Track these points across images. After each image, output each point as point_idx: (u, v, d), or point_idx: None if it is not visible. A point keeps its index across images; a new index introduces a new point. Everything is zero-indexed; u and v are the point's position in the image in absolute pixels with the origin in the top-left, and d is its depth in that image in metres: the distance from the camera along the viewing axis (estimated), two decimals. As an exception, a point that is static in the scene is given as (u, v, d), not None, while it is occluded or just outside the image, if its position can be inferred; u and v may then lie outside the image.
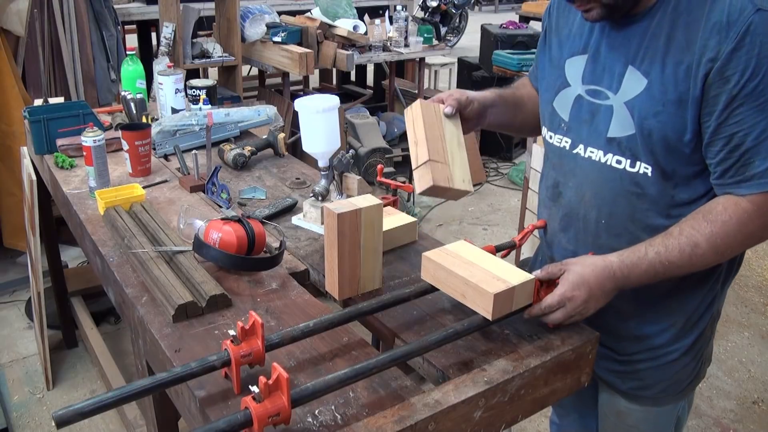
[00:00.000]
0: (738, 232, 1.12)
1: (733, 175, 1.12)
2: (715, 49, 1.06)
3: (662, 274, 1.16)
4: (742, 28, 1.04)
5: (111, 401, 0.94)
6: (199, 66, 4.03)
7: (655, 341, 1.32)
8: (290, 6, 5.05)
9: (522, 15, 6.93)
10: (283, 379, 0.90)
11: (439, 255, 1.22)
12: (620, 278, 1.15)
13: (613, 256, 1.17)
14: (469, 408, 1.03)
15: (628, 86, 1.17)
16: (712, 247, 1.13)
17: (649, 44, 1.14)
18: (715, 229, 1.12)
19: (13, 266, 3.43)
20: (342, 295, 1.30)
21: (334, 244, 1.24)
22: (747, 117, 1.07)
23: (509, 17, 7.83)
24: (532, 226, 1.46)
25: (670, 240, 1.15)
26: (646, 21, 1.15)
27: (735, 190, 1.13)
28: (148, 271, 1.36)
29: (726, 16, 1.06)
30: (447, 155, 1.24)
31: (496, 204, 4.60)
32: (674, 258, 1.14)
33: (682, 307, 1.30)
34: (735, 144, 1.09)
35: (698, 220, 1.14)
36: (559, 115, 1.31)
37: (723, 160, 1.12)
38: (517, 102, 1.47)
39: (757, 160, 1.09)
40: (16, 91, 3.13)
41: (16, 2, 3.03)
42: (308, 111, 1.56)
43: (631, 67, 1.16)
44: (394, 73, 5.23)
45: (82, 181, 1.89)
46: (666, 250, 1.14)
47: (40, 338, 2.61)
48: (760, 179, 1.10)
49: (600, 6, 1.14)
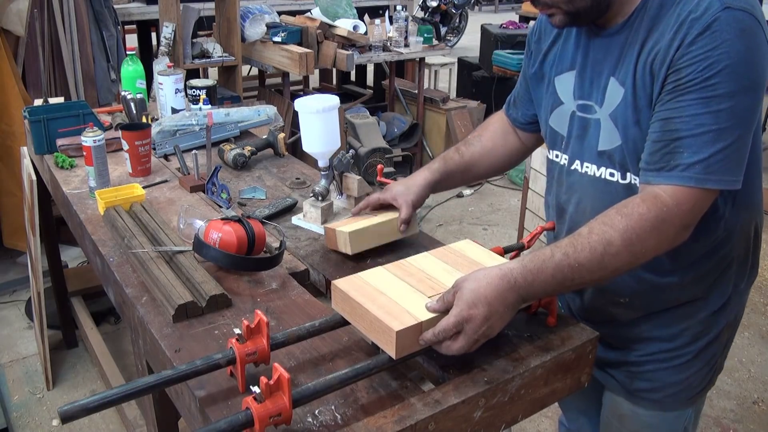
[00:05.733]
0: (654, 229, 1.04)
1: (658, 161, 1.06)
2: (676, 42, 1.04)
3: (571, 279, 1.05)
4: (706, 23, 1.01)
5: (116, 397, 0.94)
6: (199, 66, 4.03)
7: (668, 343, 1.29)
8: (290, 6, 5.05)
9: (522, 15, 6.94)
10: (284, 380, 0.90)
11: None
12: (523, 287, 1.04)
13: (514, 263, 1.06)
14: (469, 408, 1.03)
15: (610, 98, 1.16)
16: (626, 245, 1.03)
17: (626, 53, 1.13)
18: (631, 223, 1.03)
19: (13, 266, 3.43)
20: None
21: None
22: (690, 106, 1.03)
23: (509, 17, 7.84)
24: (541, 228, 1.45)
25: (579, 239, 1.05)
26: (626, 31, 1.13)
27: (654, 179, 1.06)
28: (148, 271, 1.36)
29: (690, 11, 1.03)
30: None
31: (496, 204, 4.60)
32: (584, 259, 1.03)
33: (696, 312, 1.27)
34: (670, 129, 1.05)
35: (611, 215, 1.06)
36: (558, 132, 1.30)
37: (653, 143, 1.07)
38: (466, 169, 1.46)
39: (686, 152, 1.03)
40: (16, 91, 3.13)
41: (16, 2, 3.03)
42: (308, 111, 1.56)
43: (613, 78, 1.15)
44: (394, 73, 5.23)
45: (82, 181, 1.89)
46: (575, 251, 1.04)
47: (40, 338, 2.61)
48: (683, 172, 1.03)
49: (562, 12, 1.13)
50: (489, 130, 1.51)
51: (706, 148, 1.02)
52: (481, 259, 1.24)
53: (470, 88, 5.74)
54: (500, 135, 1.50)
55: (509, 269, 1.04)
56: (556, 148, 1.32)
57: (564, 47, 1.27)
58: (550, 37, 1.31)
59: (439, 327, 1.02)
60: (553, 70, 1.29)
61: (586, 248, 1.03)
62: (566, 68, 1.26)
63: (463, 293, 1.02)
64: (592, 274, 1.05)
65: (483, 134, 1.51)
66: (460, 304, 1.02)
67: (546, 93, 1.32)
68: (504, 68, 4.66)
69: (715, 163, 1.03)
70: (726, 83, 1.01)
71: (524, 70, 1.41)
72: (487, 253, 1.27)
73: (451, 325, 1.01)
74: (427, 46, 4.64)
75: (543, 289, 1.05)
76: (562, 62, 1.27)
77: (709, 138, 1.02)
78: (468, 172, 1.47)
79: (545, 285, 1.05)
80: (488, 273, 1.04)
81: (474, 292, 1.02)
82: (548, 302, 1.22)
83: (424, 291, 1.13)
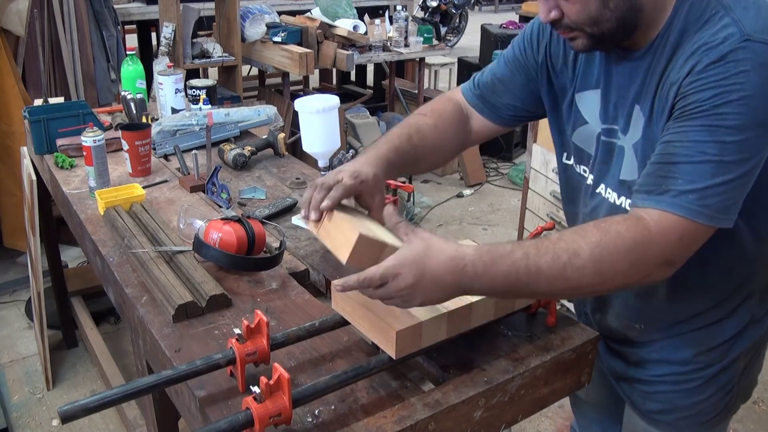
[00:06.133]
0: (629, 252, 0.93)
1: (650, 183, 0.97)
2: (686, 68, 0.96)
3: (525, 283, 0.94)
4: (722, 53, 0.93)
5: (116, 397, 0.94)
6: (199, 66, 4.03)
7: (680, 367, 1.24)
8: (290, 6, 5.05)
9: (522, 15, 6.94)
10: (284, 380, 0.90)
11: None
12: (469, 275, 0.93)
13: (471, 248, 0.95)
14: (469, 408, 1.03)
15: (634, 127, 1.08)
16: (594, 261, 0.93)
17: (649, 81, 1.05)
18: (606, 239, 0.93)
19: (13, 266, 3.43)
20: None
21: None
22: (693, 131, 0.94)
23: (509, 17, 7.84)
24: (541, 228, 1.45)
25: (545, 243, 0.95)
26: (649, 57, 1.05)
27: (642, 202, 0.97)
28: (148, 271, 1.36)
29: (707, 41, 0.95)
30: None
31: (496, 204, 4.60)
32: (545, 264, 0.93)
33: (710, 339, 1.20)
34: (668, 152, 0.96)
35: (587, 226, 0.97)
36: (585, 150, 1.21)
37: (650, 165, 0.99)
38: (414, 162, 1.27)
39: (681, 178, 0.94)
40: (16, 91, 3.13)
41: (16, 2, 3.03)
42: (308, 111, 1.56)
43: (637, 106, 1.07)
44: (394, 73, 5.23)
45: (82, 181, 1.89)
46: (537, 253, 0.94)
47: (40, 338, 2.61)
48: (674, 198, 0.94)
49: (586, 36, 1.03)
50: (443, 119, 1.32)
51: (703, 179, 0.93)
52: None
53: (470, 88, 5.73)
54: (454, 126, 1.32)
55: (463, 253, 0.94)
56: (584, 163, 1.23)
57: (588, 62, 1.16)
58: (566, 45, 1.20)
59: (367, 274, 0.94)
60: (574, 85, 1.19)
61: (549, 253, 0.94)
62: (590, 86, 1.16)
63: (407, 248, 0.95)
64: (551, 284, 0.94)
65: (438, 124, 1.31)
66: (397, 257, 0.94)
67: (563, 106, 1.23)
68: (504, 68, 4.66)
69: (712, 196, 0.93)
70: (737, 115, 0.92)
71: (522, 55, 1.26)
72: None
73: (378, 275, 0.93)
74: (427, 46, 4.64)
75: (491, 285, 0.95)
76: (585, 78, 1.17)
77: (709, 168, 0.93)
78: (415, 164, 1.28)
79: (493, 282, 0.94)
80: (442, 247, 0.95)
81: (417, 253, 0.94)
82: (548, 302, 1.22)
83: None
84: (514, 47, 1.29)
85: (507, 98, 1.29)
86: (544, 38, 1.23)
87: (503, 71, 1.29)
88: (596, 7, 0.99)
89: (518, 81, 1.27)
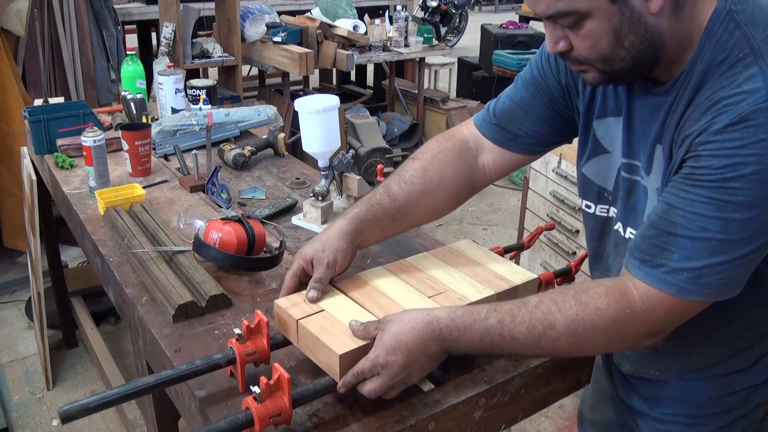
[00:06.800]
0: (607, 329, 0.91)
1: (645, 251, 0.91)
2: (702, 123, 0.87)
3: (500, 348, 0.95)
4: (742, 113, 0.83)
5: (116, 397, 0.94)
6: (199, 66, 4.03)
7: (694, 409, 1.15)
8: (290, 6, 5.05)
9: (522, 15, 6.94)
10: (284, 379, 0.90)
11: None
12: (447, 340, 0.95)
13: (444, 311, 0.97)
14: (469, 408, 1.03)
15: (656, 169, 0.99)
16: (569, 335, 0.91)
17: (669, 123, 0.95)
18: (583, 315, 0.90)
19: (13, 266, 3.43)
20: None
21: None
22: (699, 203, 0.86)
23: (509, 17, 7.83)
24: (541, 228, 1.45)
25: (521, 311, 0.94)
26: (672, 95, 0.94)
27: (633, 269, 0.92)
28: (148, 271, 1.36)
29: (728, 94, 0.85)
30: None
31: (496, 204, 4.60)
32: (519, 334, 0.93)
33: (729, 385, 1.11)
34: (669, 219, 0.89)
35: (567, 296, 0.93)
36: (596, 184, 1.12)
37: (649, 226, 0.92)
38: (398, 214, 1.19)
39: (678, 253, 0.87)
40: (16, 91, 3.13)
41: (16, 2, 3.03)
42: (308, 111, 1.56)
43: (659, 146, 0.98)
44: (394, 73, 5.23)
45: (82, 181, 1.89)
46: (512, 321, 0.93)
47: (40, 338, 2.61)
48: (667, 275, 0.88)
49: (596, 71, 0.94)
50: (438, 159, 1.20)
51: (701, 257, 0.86)
52: (481, 259, 1.24)
53: (470, 88, 5.74)
54: (452, 165, 1.20)
55: (436, 318, 0.96)
56: (597, 201, 1.13)
57: (609, 87, 1.06)
58: None
59: (357, 368, 0.96)
60: (593, 110, 1.08)
61: (524, 323, 0.93)
62: (611, 112, 1.06)
63: (384, 336, 0.95)
64: (526, 350, 0.95)
65: (429, 166, 1.20)
66: (378, 347, 0.95)
67: (573, 131, 1.15)
68: (504, 68, 4.66)
69: (709, 275, 0.87)
70: (748, 191, 0.83)
71: (541, 75, 1.14)
72: (487, 253, 1.26)
73: (366, 369, 0.95)
74: (427, 46, 4.64)
75: (468, 348, 0.96)
76: (605, 103, 1.06)
77: (710, 247, 0.86)
78: (402, 218, 1.19)
79: (470, 345, 0.96)
80: (414, 317, 0.96)
81: (395, 336, 0.94)
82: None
83: (424, 291, 1.13)
84: (531, 67, 1.16)
85: (528, 124, 1.17)
86: (551, 65, 1.14)
87: (522, 94, 1.17)
88: (608, 45, 0.89)
89: (540, 103, 1.15)
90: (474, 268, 1.20)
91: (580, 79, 1.09)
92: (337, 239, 1.15)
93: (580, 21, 0.88)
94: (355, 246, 1.17)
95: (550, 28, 0.93)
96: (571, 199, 2.67)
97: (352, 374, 0.96)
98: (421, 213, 1.22)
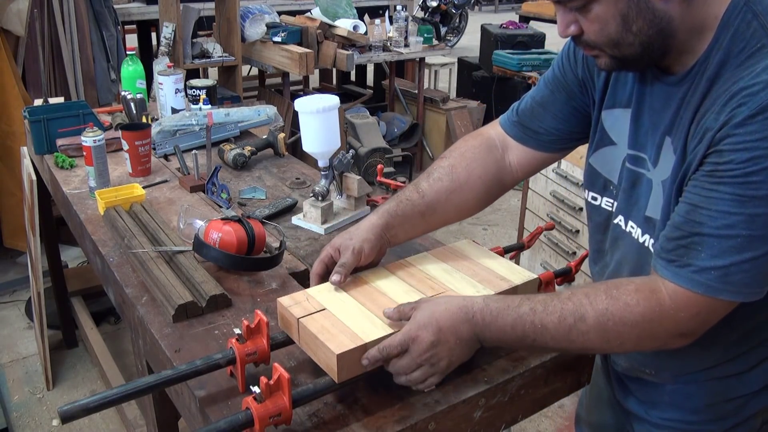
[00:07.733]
0: (636, 326, 0.91)
1: (672, 251, 0.91)
2: (723, 117, 0.86)
3: (531, 338, 0.95)
4: (761, 104, 0.82)
5: (116, 397, 0.94)
6: (199, 66, 4.03)
7: (689, 414, 1.14)
8: (290, 6, 5.06)
9: (522, 15, 6.93)
10: (284, 379, 0.90)
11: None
12: (479, 324, 0.96)
13: (479, 298, 0.98)
14: (469, 408, 1.03)
15: (663, 162, 0.99)
16: (599, 329, 0.92)
17: (683, 114, 0.95)
18: (613, 309, 0.91)
19: (13, 266, 3.43)
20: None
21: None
22: (722, 200, 0.86)
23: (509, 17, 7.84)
24: (541, 228, 1.45)
25: (554, 301, 0.95)
26: (686, 85, 0.94)
27: (661, 270, 0.92)
28: (148, 271, 1.36)
29: (746, 84, 0.85)
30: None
31: (496, 204, 4.58)
32: (550, 324, 0.93)
33: (726, 391, 1.10)
34: (694, 219, 0.89)
35: (598, 291, 0.94)
36: (603, 176, 1.13)
37: (674, 227, 0.91)
38: (427, 211, 1.21)
39: (705, 252, 0.87)
40: (16, 91, 3.13)
41: (16, 2, 3.03)
42: (308, 111, 1.56)
43: (668, 138, 0.98)
44: (394, 73, 5.23)
45: (82, 181, 1.89)
46: (544, 310, 0.94)
47: (40, 338, 2.61)
48: (695, 274, 0.88)
49: (607, 56, 0.95)
50: (465, 156, 1.23)
51: (728, 255, 0.86)
52: (481, 259, 1.24)
53: (470, 88, 5.74)
54: (479, 161, 1.22)
55: (471, 302, 0.98)
56: (603, 193, 1.14)
57: (620, 76, 1.07)
58: None
59: (385, 343, 0.97)
60: (603, 100, 1.10)
61: (556, 313, 0.93)
62: (620, 104, 1.07)
63: (418, 313, 0.98)
64: (557, 342, 0.95)
65: (456, 163, 1.22)
66: (412, 322, 0.97)
67: (584, 122, 1.16)
68: (504, 68, 4.65)
69: (736, 273, 0.87)
70: None
71: (561, 72, 1.17)
72: (486, 253, 1.27)
73: (396, 342, 0.96)
74: (427, 46, 4.64)
75: (499, 336, 0.97)
76: (615, 94, 1.07)
77: (736, 244, 0.86)
78: (431, 215, 1.21)
79: (502, 333, 0.96)
80: (450, 299, 0.99)
81: (429, 313, 0.97)
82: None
83: (424, 291, 1.13)
84: (553, 66, 1.19)
85: (547, 121, 1.19)
86: (571, 61, 1.16)
87: (543, 93, 1.20)
88: (616, 29, 0.91)
89: (559, 100, 1.17)
90: (474, 268, 1.20)
91: (595, 69, 1.10)
92: (366, 231, 1.17)
93: (588, 4, 0.90)
94: (385, 240, 1.19)
95: (561, 11, 0.95)
96: (571, 199, 2.67)
97: (377, 349, 0.97)
98: (450, 210, 1.23)
